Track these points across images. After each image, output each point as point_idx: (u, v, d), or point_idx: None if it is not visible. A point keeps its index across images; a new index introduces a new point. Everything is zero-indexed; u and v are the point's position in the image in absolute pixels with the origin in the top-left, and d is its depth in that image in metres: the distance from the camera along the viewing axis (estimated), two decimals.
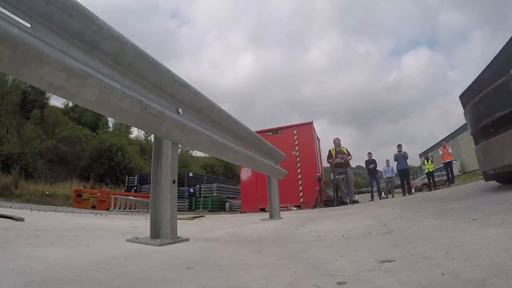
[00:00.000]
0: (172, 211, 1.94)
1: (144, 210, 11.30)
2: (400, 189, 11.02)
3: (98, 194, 12.30)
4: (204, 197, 13.89)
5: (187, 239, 2.06)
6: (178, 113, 1.88)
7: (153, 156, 2.02)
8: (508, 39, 2.54)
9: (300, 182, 9.01)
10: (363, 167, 8.63)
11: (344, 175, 8.26)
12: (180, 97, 1.88)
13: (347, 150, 8.75)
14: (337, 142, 8.73)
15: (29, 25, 1.10)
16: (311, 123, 9.65)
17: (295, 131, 9.40)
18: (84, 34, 1.28)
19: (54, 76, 1.17)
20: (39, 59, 1.09)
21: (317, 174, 8.78)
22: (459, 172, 22.39)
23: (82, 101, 1.35)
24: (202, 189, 14.13)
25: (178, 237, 1.96)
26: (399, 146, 10.68)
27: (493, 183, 4.21)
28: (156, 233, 1.94)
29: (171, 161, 1.97)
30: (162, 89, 1.76)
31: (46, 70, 1.14)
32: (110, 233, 2.85)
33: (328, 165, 9.12)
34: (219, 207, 13.51)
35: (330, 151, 8.78)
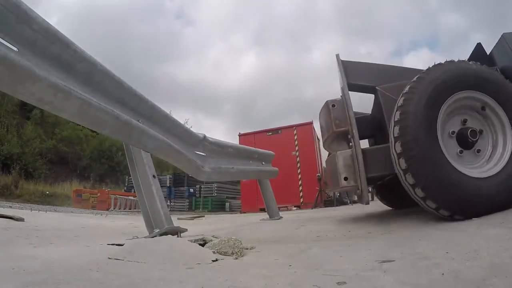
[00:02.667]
0: (160, 200, 2.14)
1: None
2: None
3: (98, 194, 12.31)
4: (204, 197, 13.88)
5: (186, 229, 2.14)
6: (140, 123, 2.06)
7: (129, 165, 2.25)
8: None
9: (300, 182, 9.01)
10: None
11: None
12: (140, 109, 2.09)
13: None
14: None
15: (16, 49, 1.26)
16: (311, 123, 9.65)
17: (295, 131, 9.41)
18: (62, 57, 1.49)
19: (44, 92, 1.35)
20: (32, 77, 1.27)
21: (317, 174, 8.78)
22: None
23: (67, 113, 1.54)
24: (202, 189, 14.11)
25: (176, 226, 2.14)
26: None
27: None
28: (152, 227, 2.10)
29: (146, 160, 2.20)
30: (125, 102, 1.97)
31: (38, 87, 1.31)
32: (110, 233, 2.85)
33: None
34: (219, 207, 13.49)
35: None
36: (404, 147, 1.72)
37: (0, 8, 1.18)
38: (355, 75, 2.28)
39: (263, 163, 4.23)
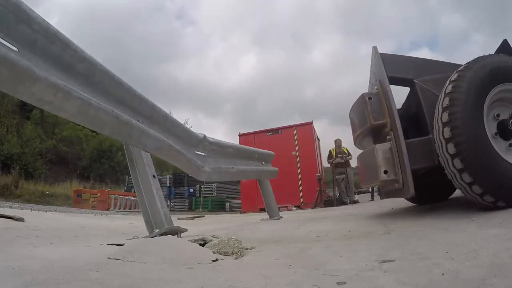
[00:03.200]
0: (160, 200, 2.14)
1: None
2: None
3: (98, 194, 12.31)
4: (204, 197, 13.88)
5: (186, 229, 2.13)
6: (140, 122, 2.05)
7: (129, 165, 2.25)
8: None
9: (300, 182, 9.01)
10: None
11: (344, 175, 8.26)
12: (140, 109, 2.09)
13: (347, 150, 8.73)
14: (338, 143, 8.72)
15: (16, 49, 1.26)
16: (311, 123, 9.65)
17: (295, 131, 9.41)
18: (62, 57, 1.49)
19: (44, 92, 1.35)
20: (32, 77, 1.27)
21: (317, 174, 8.78)
22: None
23: (67, 113, 1.53)
24: (202, 189, 14.12)
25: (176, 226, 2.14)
26: None
27: None
28: (152, 227, 2.10)
29: (146, 160, 2.20)
30: (125, 102, 1.96)
31: (38, 87, 1.31)
32: (110, 233, 2.85)
33: (328, 165, 9.12)
34: (219, 207, 13.50)
35: (330, 151, 8.78)
36: (454, 132, 1.74)
37: (0, 8, 1.18)
38: (392, 67, 2.25)
39: (263, 163, 4.23)
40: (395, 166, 2.03)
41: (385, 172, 2.03)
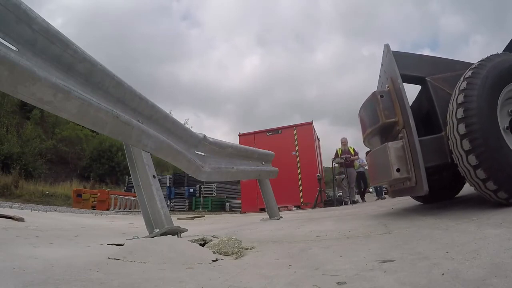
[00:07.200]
0: (160, 200, 2.16)
1: None
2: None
3: (98, 194, 12.30)
4: (204, 197, 13.88)
5: (186, 229, 2.14)
6: (140, 122, 2.05)
7: (129, 165, 2.27)
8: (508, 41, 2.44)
9: (300, 182, 9.02)
10: (364, 168, 8.64)
11: (344, 175, 8.25)
12: (140, 109, 2.09)
13: (354, 150, 8.71)
14: (343, 142, 8.74)
15: (16, 49, 1.27)
16: (311, 123, 9.65)
17: (295, 131, 9.41)
18: (62, 57, 1.50)
19: (44, 92, 1.36)
20: (32, 77, 1.28)
21: (317, 174, 8.78)
22: None
23: (66, 113, 1.54)
24: (202, 189, 14.12)
25: (177, 226, 2.15)
26: None
27: None
28: (152, 227, 2.12)
29: (146, 160, 2.22)
30: (125, 102, 1.96)
31: (38, 87, 1.32)
32: (110, 233, 2.85)
33: (328, 165, 9.13)
34: (219, 207, 13.50)
35: (336, 151, 8.79)
36: (469, 129, 1.73)
37: (0, 8, 1.19)
38: (404, 65, 2.24)
39: (263, 163, 4.23)
40: (408, 164, 2.02)
41: (398, 170, 2.02)
